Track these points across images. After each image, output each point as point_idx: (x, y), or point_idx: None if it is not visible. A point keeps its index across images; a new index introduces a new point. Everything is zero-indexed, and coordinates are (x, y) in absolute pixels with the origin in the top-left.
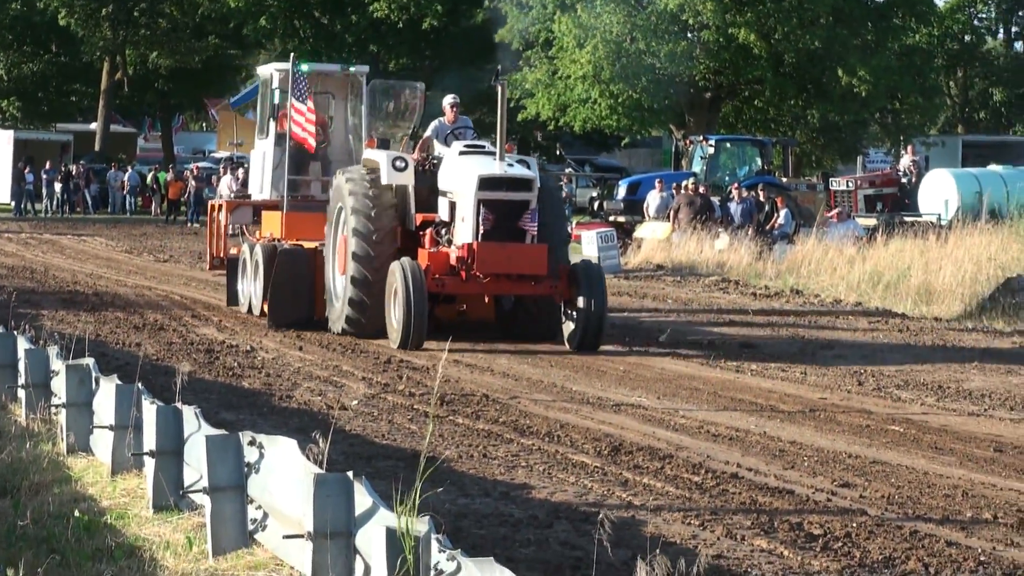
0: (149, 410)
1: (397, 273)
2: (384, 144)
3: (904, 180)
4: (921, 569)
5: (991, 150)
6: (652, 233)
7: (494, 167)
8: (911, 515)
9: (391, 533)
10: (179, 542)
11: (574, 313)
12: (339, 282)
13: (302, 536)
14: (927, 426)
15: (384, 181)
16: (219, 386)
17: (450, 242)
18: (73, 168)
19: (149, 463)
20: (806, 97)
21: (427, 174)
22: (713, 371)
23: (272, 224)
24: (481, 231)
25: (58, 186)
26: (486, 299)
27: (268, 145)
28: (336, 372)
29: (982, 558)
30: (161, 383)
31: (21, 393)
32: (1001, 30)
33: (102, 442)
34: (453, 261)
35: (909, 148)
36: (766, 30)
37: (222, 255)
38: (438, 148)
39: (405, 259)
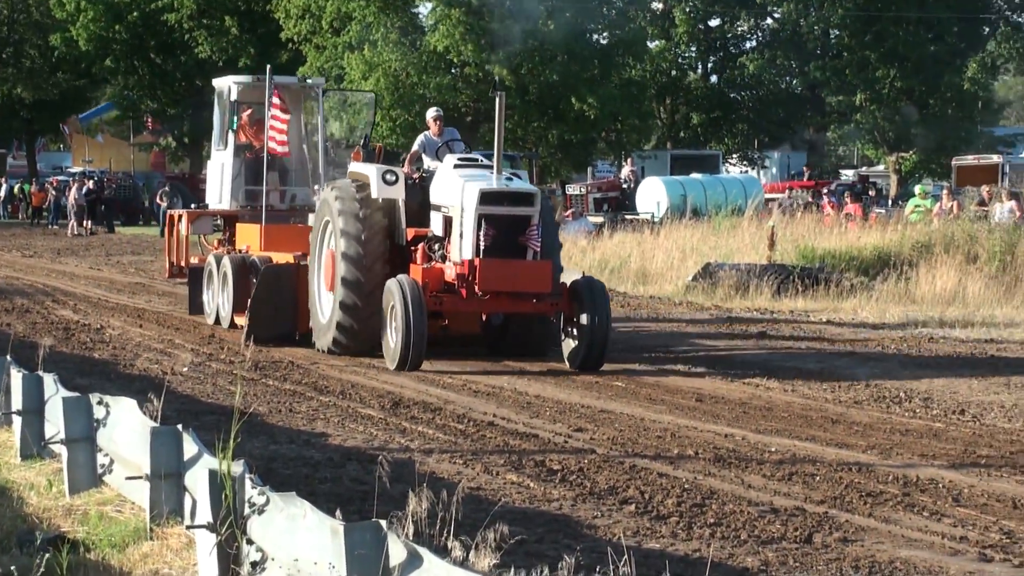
0: (16, 377)
1: (395, 292)
2: (370, 157)
3: (625, 186)
4: (638, 496)
5: (693, 161)
6: None
7: (495, 181)
8: (630, 453)
9: (213, 474)
10: (41, 484)
11: (574, 331)
12: (325, 299)
13: (141, 477)
14: (643, 381)
15: (374, 195)
16: (75, 357)
17: (444, 258)
18: None
19: (17, 420)
20: (547, 120)
21: (417, 188)
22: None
23: (248, 236)
24: (482, 247)
25: None
26: (483, 316)
27: (227, 156)
28: (170, 345)
29: (686, 486)
30: (27, 355)
31: None
32: (699, 66)
33: None
34: (450, 278)
35: (629, 160)
36: (515, 66)
37: (182, 264)
38: (427, 162)
39: (402, 277)
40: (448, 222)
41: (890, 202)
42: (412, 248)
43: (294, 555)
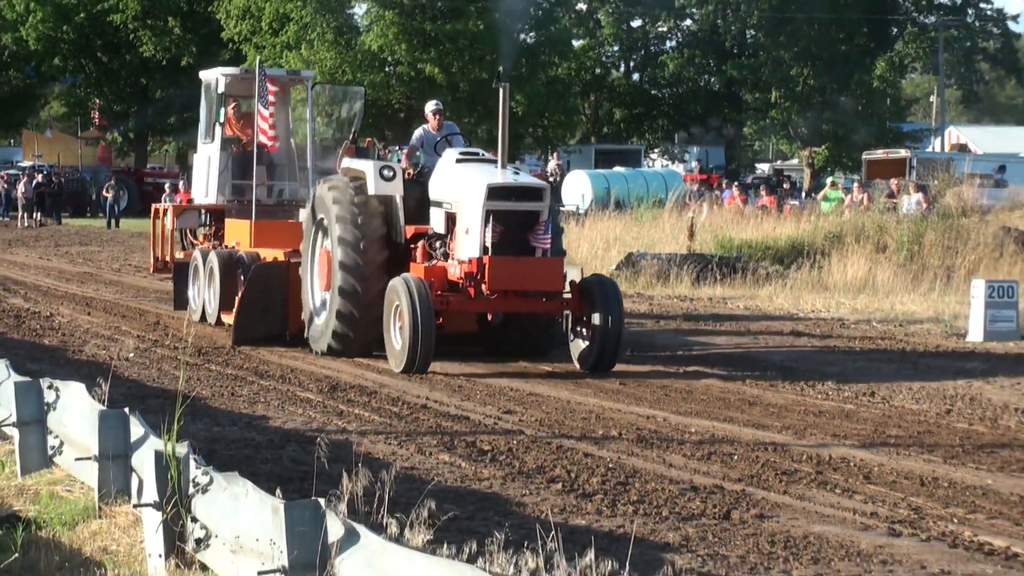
0: None
1: (400, 290)
2: (363, 152)
3: (552, 179)
4: (565, 475)
5: (616, 156)
6: None
7: (502, 175)
8: (557, 434)
9: (159, 455)
10: None
11: (584, 330)
12: (321, 297)
13: (90, 458)
14: (569, 366)
15: (371, 191)
16: (25, 344)
17: (447, 256)
18: None
19: None
20: (477, 116)
21: (415, 184)
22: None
23: (237, 232)
24: (489, 244)
25: None
26: (489, 316)
27: (213, 149)
28: (117, 331)
29: (610, 465)
30: None
31: None
32: (622, 65)
33: None
34: (453, 276)
35: (555, 154)
36: (446, 64)
37: (167, 259)
38: (425, 157)
39: (408, 275)
40: (451, 218)
41: (803, 194)
42: (412, 247)
43: (237, 532)
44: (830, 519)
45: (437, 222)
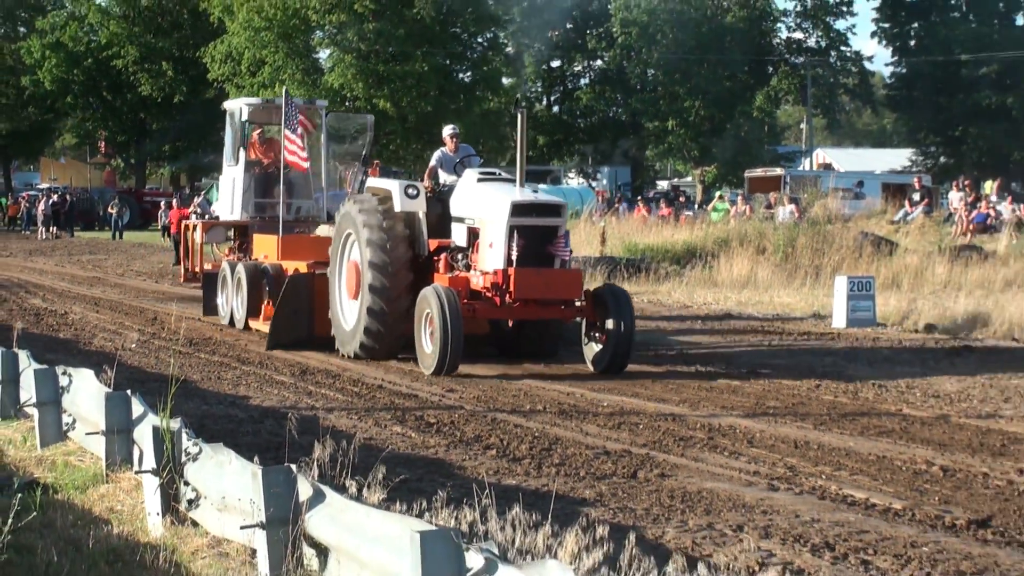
0: None
1: (432, 300)
2: (386, 173)
3: None
4: (498, 442)
5: (540, 176)
6: None
7: (525, 194)
8: (492, 408)
9: (156, 429)
10: (17, 439)
11: (596, 334)
12: (349, 307)
13: (98, 433)
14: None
15: (397, 208)
16: (43, 337)
17: (469, 267)
18: None
19: None
20: (423, 143)
21: (436, 201)
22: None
23: (265, 246)
24: (513, 256)
25: None
26: (509, 322)
27: (238, 171)
28: (121, 326)
29: (536, 434)
30: (4, 336)
31: None
32: (544, 99)
33: None
34: (476, 286)
35: None
36: (396, 100)
37: (196, 270)
38: (443, 176)
39: (438, 285)
40: (473, 233)
41: (696, 206)
42: (435, 259)
43: (222, 493)
44: (720, 477)
45: (459, 236)
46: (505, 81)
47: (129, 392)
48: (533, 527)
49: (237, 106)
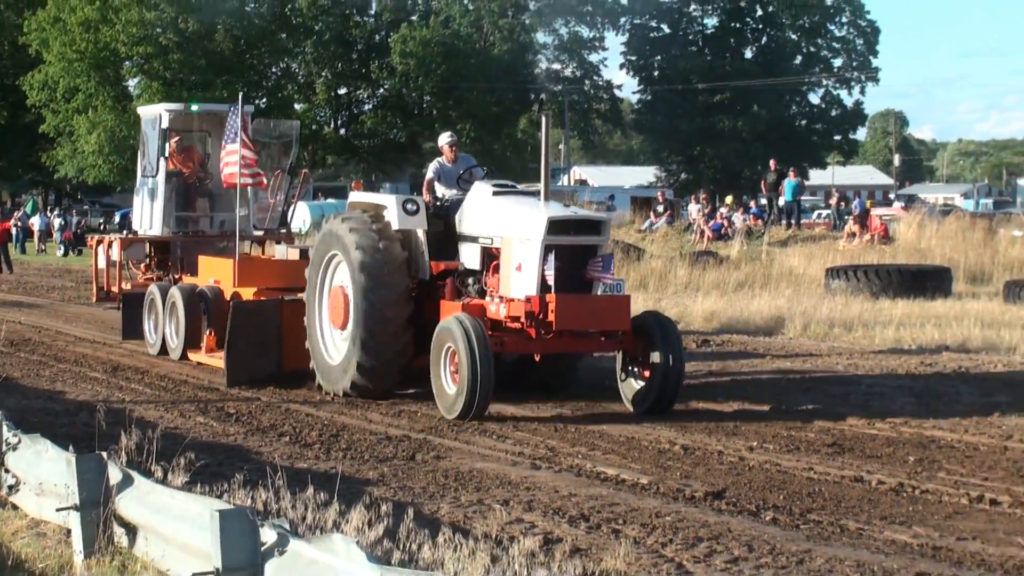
0: None
1: (456, 332)
2: (369, 186)
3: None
4: (291, 430)
5: (329, 190)
6: None
7: (560, 209)
8: (285, 399)
9: None
10: None
11: (636, 369)
12: (333, 338)
13: None
14: None
15: (395, 226)
16: None
17: (483, 293)
18: None
19: None
20: None
21: (437, 218)
22: None
23: (216, 270)
24: (550, 280)
25: None
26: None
27: (157, 183)
28: None
29: (325, 422)
30: None
31: None
32: (332, 122)
33: None
34: (496, 315)
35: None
36: None
37: (111, 289)
38: (441, 190)
39: (461, 315)
40: (489, 254)
41: None
42: (439, 283)
43: (40, 479)
44: (489, 458)
45: (469, 258)
46: (298, 107)
47: None
48: (322, 505)
49: (155, 112)
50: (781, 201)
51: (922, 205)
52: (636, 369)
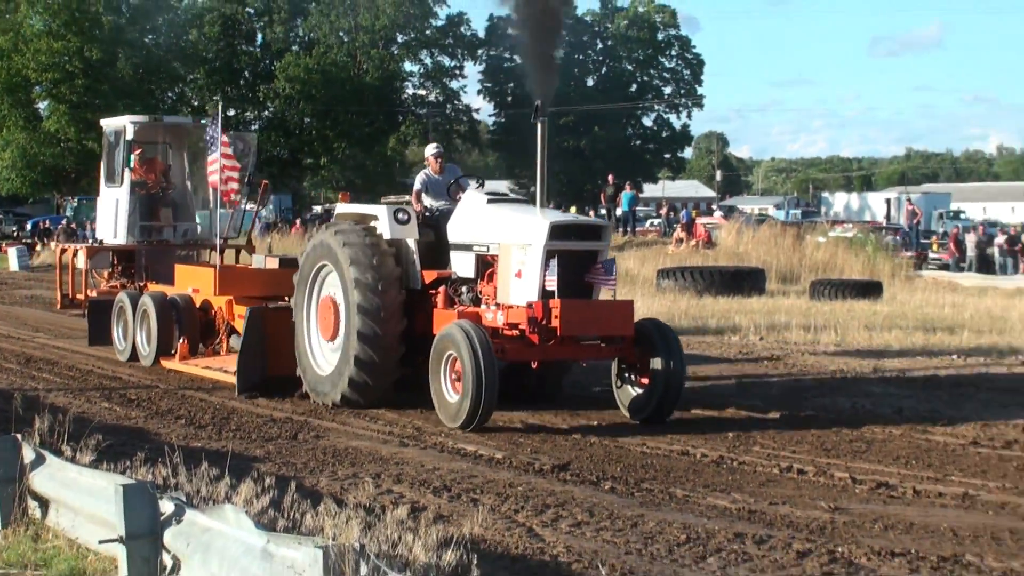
0: None
1: (459, 339)
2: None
3: None
4: (187, 414)
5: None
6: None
7: (559, 215)
8: (182, 386)
9: None
10: None
11: (634, 376)
12: (322, 349)
13: None
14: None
15: (387, 236)
16: None
17: (477, 301)
18: None
19: None
20: None
21: (427, 227)
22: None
23: (194, 278)
24: (551, 286)
25: None
26: (534, 364)
27: (122, 193)
28: None
29: (217, 406)
30: None
31: None
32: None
33: None
34: (492, 322)
35: None
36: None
37: (77, 296)
38: (428, 201)
39: (463, 322)
40: (483, 261)
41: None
42: (432, 292)
43: None
44: (363, 436)
45: (462, 266)
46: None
47: None
48: (215, 479)
49: (120, 124)
50: (619, 211)
51: (740, 215)
52: (633, 376)
